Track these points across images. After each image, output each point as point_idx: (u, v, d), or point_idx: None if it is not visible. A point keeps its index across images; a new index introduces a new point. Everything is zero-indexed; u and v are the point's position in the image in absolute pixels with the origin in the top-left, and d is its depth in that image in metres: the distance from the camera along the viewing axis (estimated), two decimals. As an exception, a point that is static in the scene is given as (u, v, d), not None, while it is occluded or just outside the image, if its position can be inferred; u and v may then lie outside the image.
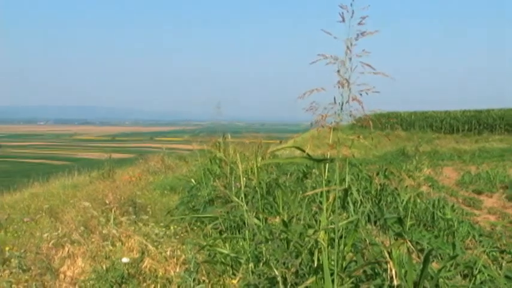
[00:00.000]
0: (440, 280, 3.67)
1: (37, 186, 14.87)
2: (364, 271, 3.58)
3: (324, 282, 3.30)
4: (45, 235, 6.24)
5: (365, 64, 2.98)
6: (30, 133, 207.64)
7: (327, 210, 3.53)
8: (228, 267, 4.65)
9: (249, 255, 4.24)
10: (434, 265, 4.42)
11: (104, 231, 6.02)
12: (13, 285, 4.66)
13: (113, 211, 6.77)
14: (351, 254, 3.72)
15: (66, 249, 5.71)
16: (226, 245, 5.25)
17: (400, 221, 4.47)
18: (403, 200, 7.57)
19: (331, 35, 3.01)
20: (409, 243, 3.34)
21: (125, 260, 4.77)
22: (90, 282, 4.59)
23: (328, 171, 3.93)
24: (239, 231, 5.76)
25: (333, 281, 3.27)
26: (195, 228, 6.50)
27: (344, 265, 3.51)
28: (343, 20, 3.00)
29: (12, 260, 5.07)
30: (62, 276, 5.08)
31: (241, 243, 5.13)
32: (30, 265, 5.09)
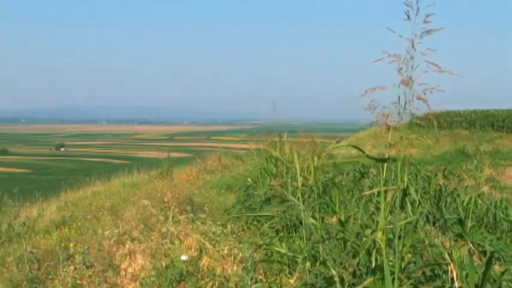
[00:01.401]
0: (504, 283, 3.55)
1: (98, 185, 15.27)
2: (424, 272, 3.51)
3: (383, 283, 3.26)
4: (107, 232, 6.40)
5: (430, 63, 2.92)
6: (93, 133, 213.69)
7: (384, 210, 3.48)
8: (284, 266, 4.64)
9: (306, 254, 4.22)
10: (496, 268, 4.28)
11: (162, 229, 6.12)
12: (77, 281, 4.81)
13: (171, 209, 6.87)
14: (409, 255, 3.66)
15: (127, 246, 5.84)
16: (283, 244, 5.25)
17: (460, 222, 4.36)
18: (463, 201, 7.36)
19: (395, 33, 2.95)
20: (470, 244, 3.25)
21: (183, 257, 4.84)
22: (150, 279, 4.68)
23: (386, 171, 3.88)
24: (295, 231, 5.74)
25: (392, 281, 3.22)
26: (252, 227, 6.52)
27: (403, 266, 3.45)
28: (408, 18, 2.94)
29: (77, 256, 5.23)
30: (123, 272, 5.20)
31: (297, 243, 5.12)
32: (93, 261, 5.24)
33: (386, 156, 3.37)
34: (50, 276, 5.24)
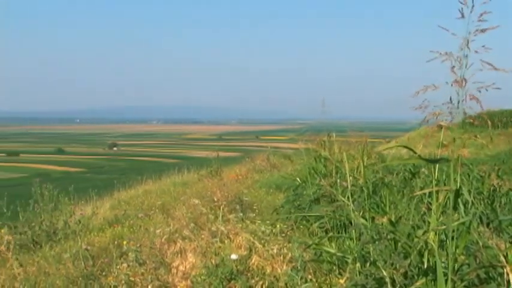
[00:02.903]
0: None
1: (150, 184, 15.52)
2: (477, 275, 3.42)
3: (435, 284, 3.20)
4: (158, 231, 6.49)
5: (485, 62, 2.84)
6: (144, 132, 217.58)
7: (436, 210, 3.42)
8: (334, 267, 4.61)
9: (356, 254, 4.18)
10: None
11: (212, 228, 6.17)
12: (130, 278, 4.89)
13: (221, 208, 6.91)
14: (462, 257, 3.57)
15: (178, 244, 5.91)
16: (332, 244, 5.21)
17: (516, 223, 4.24)
18: (518, 201, 7.14)
19: (448, 31, 2.89)
20: (526, 246, 3.16)
21: (233, 256, 4.86)
22: (201, 277, 4.71)
23: (438, 171, 3.80)
24: (345, 231, 5.69)
25: (445, 283, 3.15)
26: (301, 226, 6.50)
27: (456, 268, 3.37)
28: (463, 16, 2.87)
29: (130, 253, 5.32)
30: (174, 270, 5.27)
31: (347, 243, 5.07)
32: (145, 259, 5.32)
33: (439, 157, 3.30)
34: (104, 273, 5.35)
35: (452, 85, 2.98)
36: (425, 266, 3.40)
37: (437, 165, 3.65)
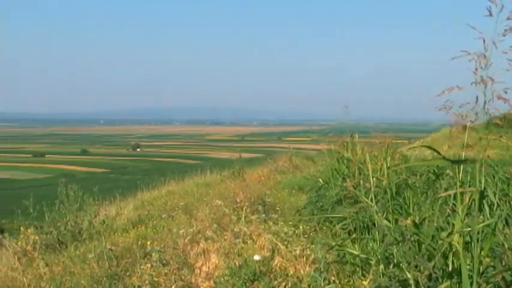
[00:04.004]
0: None
1: (173, 184, 15.58)
2: (503, 277, 3.37)
3: (460, 286, 3.16)
4: (181, 231, 6.52)
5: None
6: (167, 133, 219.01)
7: (461, 212, 3.38)
8: (357, 268, 4.58)
9: (379, 256, 4.15)
10: None
11: (235, 229, 6.18)
12: (154, 278, 4.92)
13: (243, 209, 6.92)
14: (488, 259, 3.53)
15: (201, 245, 5.94)
16: (356, 245, 5.18)
17: (542, 225, 4.18)
18: (545, 203, 7.02)
19: (476, 30, 2.85)
20: (554, 249, 3.11)
21: (256, 257, 4.86)
22: (224, 278, 4.72)
23: (462, 172, 3.76)
24: (368, 232, 5.66)
25: (470, 285, 3.12)
26: (324, 228, 6.48)
27: (481, 270, 3.33)
28: (491, 15, 2.83)
29: (153, 254, 5.35)
30: (197, 271, 5.29)
31: (370, 244, 5.04)
32: (168, 259, 5.35)
33: (463, 158, 3.27)
34: (128, 273, 5.39)
35: (477, 85, 2.94)
36: (450, 269, 3.37)
37: (462, 166, 3.61)
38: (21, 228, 7.07)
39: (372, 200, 4.70)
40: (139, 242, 6.37)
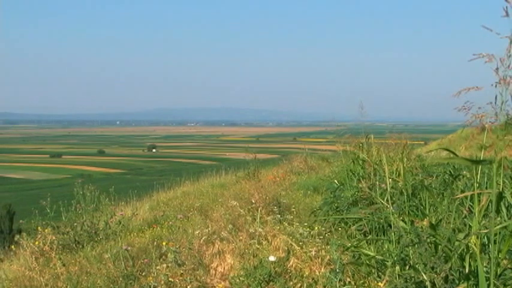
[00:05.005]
0: None
1: (188, 185, 15.59)
2: (521, 280, 3.34)
3: (477, 289, 3.14)
4: (197, 232, 6.53)
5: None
6: (182, 134, 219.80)
7: (478, 214, 3.35)
8: (373, 270, 4.56)
9: (395, 258, 4.13)
10: None
11: (250, 230, 6.18)
12: (169, 278, 4.94)
13: (258, 210, 6.92)
14: (505, 261, 3.49)
15: (216, 246, 5.94)
16: (371, 246, 5.16)
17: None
18: None
19: (492, 31, 2.81)
20: None
21: (271, 258, 4.86)
22: (240, 278, 4.72)
23: (479, 173, 3.73)
24: (384, 233, 5.63)
25: (487, 287, 3.09)
26: (339, 229, 6.46)
27: (498, 272, 3.30)
28: (507, 15, 2.79)
29: (169, 254, 5.37)
30: (212, 271, 5.30)
31: (386, 246, 5.01)
32: (184, 260, 5.36)
33: (481, 159, 3.24)
34: (143, 274, 5.41)
35: (496, 86, 2.90)
36: (467, 270, 3.34)
37: (479, 167, 3.58)
38: (39, 228, 7.13)
39: (387, 201, 4.68)
40: (155, 243, 6.38)
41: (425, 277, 3.43)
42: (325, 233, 6.17)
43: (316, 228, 6.11)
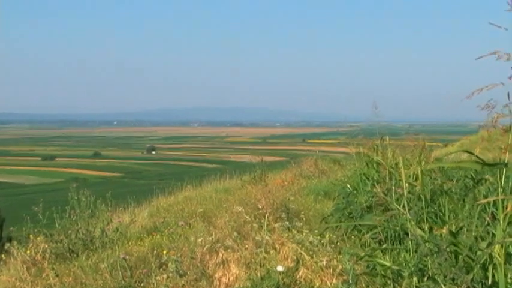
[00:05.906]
0: None
1: (190, 190, 15.59)
2: (547, 293, 3.32)
3: (500, 302, 3.12)
4: (199, 240, 6.51)
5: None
6: (184, 135, 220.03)
7: (503, 221, 3.33)
8: (389, 281, 4.54)
9: (412, 268, 4.11)
10: None
11: (257, 238, 6.17)
12: (170, 290, 4.94)
13: (265, 217, 6.91)
14: (531, 272, 3.48)
15: (220, 255, 5.93)
16: (386, 256, 5.13)
17: None
18: None
19: (501, 28, 2.81)
20: None
21: (279, 268, 4.85)
22: (246, 290, 4.73)
23: (503, 178, 3.71)
24: (400, 242, 5.61)
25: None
26: (352, 237, 6.44)
27: (524, 284, 3.28)
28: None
29: (170, 264, 5.37)
30: (216, 282, 5.29)
31: (403, 255, 4.99)
32: (186, 270, 5.35)
33: (505, 161, 3.22)
34: (142, 284, 5.42)
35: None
36: (490, 282, 3.33)
37: (504, 171, 3.56)
38: (30, 236, 7.15)
39: (404, 207, 4.67)
40: (154, 251, 6.38)
41: (445, 289, 3.42)
42: (337, 241, 6.16)
43: (327, 236, 6.10)
